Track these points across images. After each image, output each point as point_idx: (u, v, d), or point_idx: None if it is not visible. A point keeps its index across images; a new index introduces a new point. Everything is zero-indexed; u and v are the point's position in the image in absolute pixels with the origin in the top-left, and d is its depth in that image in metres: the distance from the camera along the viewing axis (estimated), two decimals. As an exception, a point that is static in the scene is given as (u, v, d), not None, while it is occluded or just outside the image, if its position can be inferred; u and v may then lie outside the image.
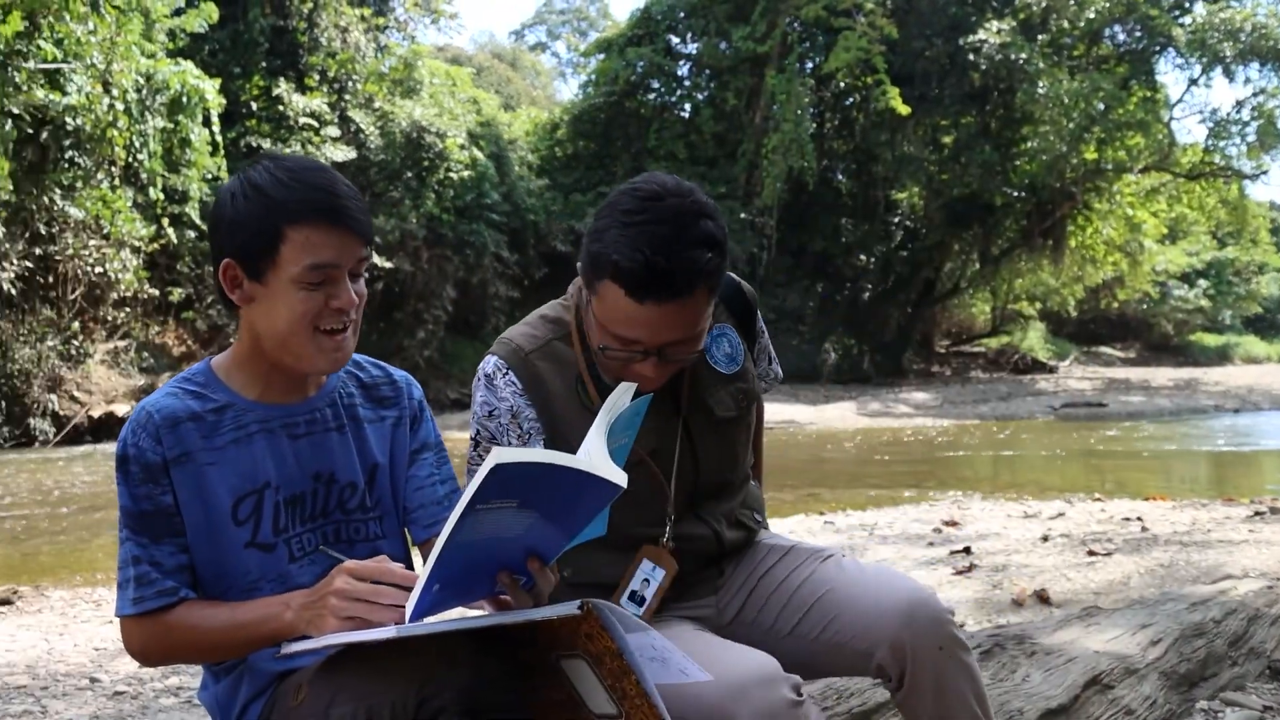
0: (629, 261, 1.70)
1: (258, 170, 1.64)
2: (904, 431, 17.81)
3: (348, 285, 1.65)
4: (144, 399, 1.69)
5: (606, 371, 1.90)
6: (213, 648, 1.63)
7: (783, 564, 2.03)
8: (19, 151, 15.17)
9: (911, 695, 1.84)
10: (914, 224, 29.86)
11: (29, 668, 4.53)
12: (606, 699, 1.51)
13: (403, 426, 1.86)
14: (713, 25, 26.54)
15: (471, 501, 1.32)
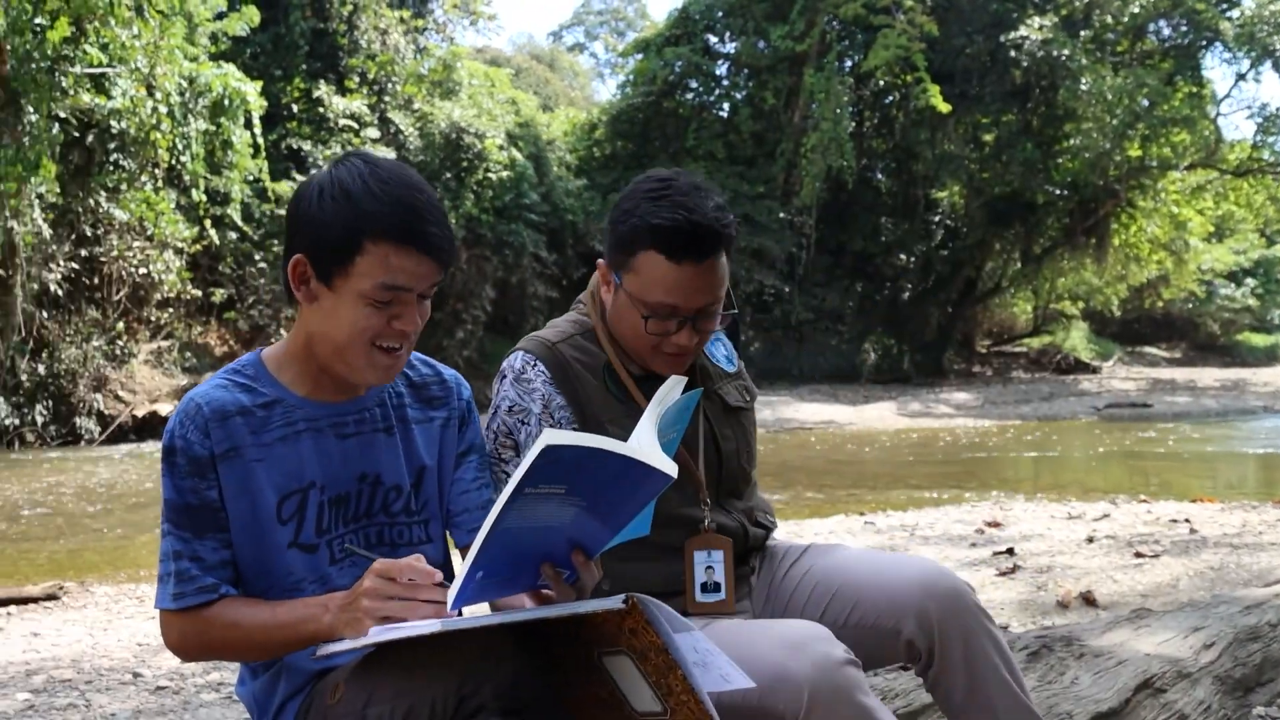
0: (669, 222, 1.86)
1: (349, 171, 1.60)
2: (945, 432, 17.65)
3: (415, 308, 1.62)
4: (192, 389, 1.67)
5: (638, 355, 1.98)
6: (251, 646, 1.62)
7: (799, 563, 2.07)
8: (66, 154, 15.39)
9: (943, 669, 1.86)
10: (954, 223, 29.57)
11: (74, 662, 4.58)
12: (651, 696, 1.48)
13: (451, 427, 1.84)
14: (751, 24, 26.42)
15: (520, 484, 1.29)
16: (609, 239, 1.97)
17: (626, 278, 1.93)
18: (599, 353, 2.01)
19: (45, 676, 4.30)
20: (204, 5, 17.34)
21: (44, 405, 15.72)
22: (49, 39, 13.81)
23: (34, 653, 4.84)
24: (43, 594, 6.35)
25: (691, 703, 1.45)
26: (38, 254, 15.31)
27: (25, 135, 13.97)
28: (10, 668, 4.55)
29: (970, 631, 1.86)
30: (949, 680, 1.86)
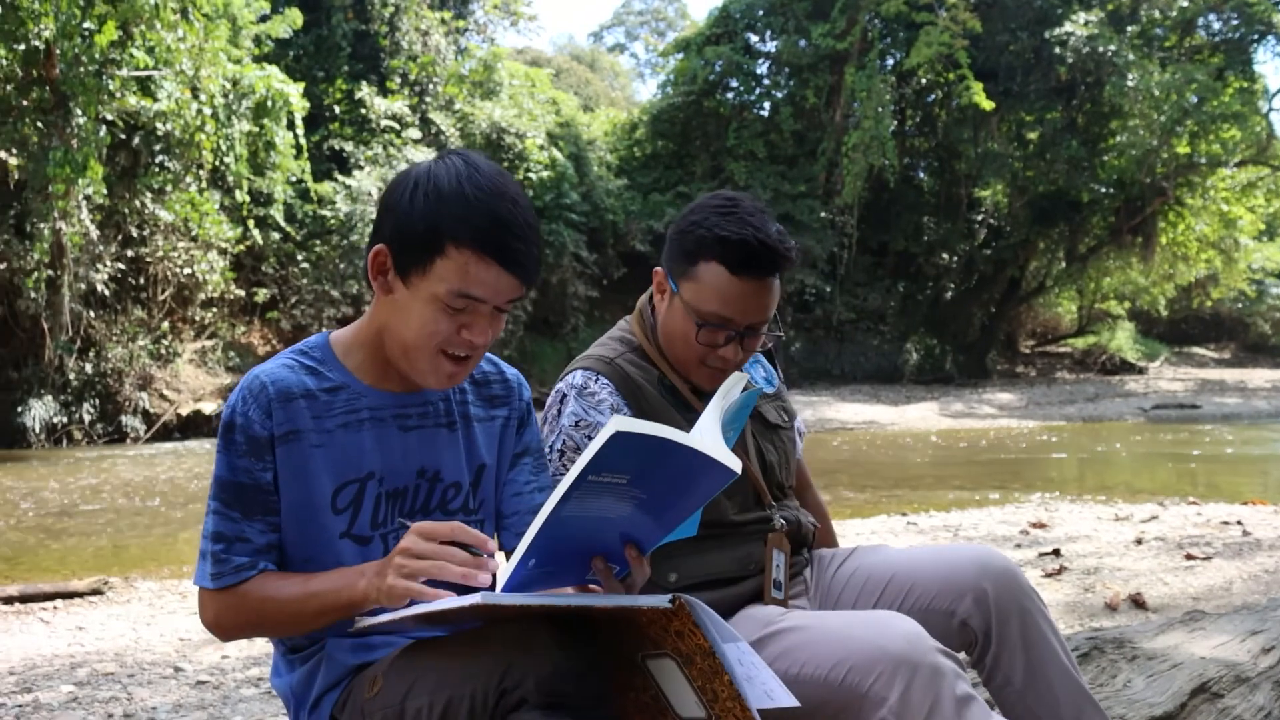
0: (737, 236, 1.92)
1: (448, 169, 1.56)
2: (988, 432, 17.45)
3: (487, 320, 1.58)
4: (257, 366, 1.63)
5: (682, 366, 2.04)
6: (287, 619, 1.57)
7: (847, 564, 2.11)
8: (112, 157, 15.61)
9: (1001, 649, 1.85)
10: (998, 222, 29.24)
11: (117, 656, 4.62)
12: (695, 702, 1.44)
13: (510, 427, 1.81)
14: (792, 23, 26.28)
15: (584, 471, 1.26)
16: (671, 247, 2.03)
17: (685, 286, 1.99)
18: (651, 368, 2.06)
19: (88, 669, 4.34)
20: (248, 8, 17.53)
21: (91, 404, 15.94)
22: (97, 43, 14.01)
23: (78, 646, 4.89)
24: (88, 589, 6.42)
25: (737, 709, 1.41)
26: (85, 254, 15.53)
27: (73, 138, 14.18)
28: (55, 660, 4.60)
29: (1027, 611, 1.86)
30: (1008, 662, 1.84)
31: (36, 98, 14.39)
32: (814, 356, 25.18)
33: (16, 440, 15.17)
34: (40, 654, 4.75)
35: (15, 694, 3.99)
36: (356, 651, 1.64)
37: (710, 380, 2.00)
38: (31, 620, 5.64)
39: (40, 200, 14.37)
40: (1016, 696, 1.84)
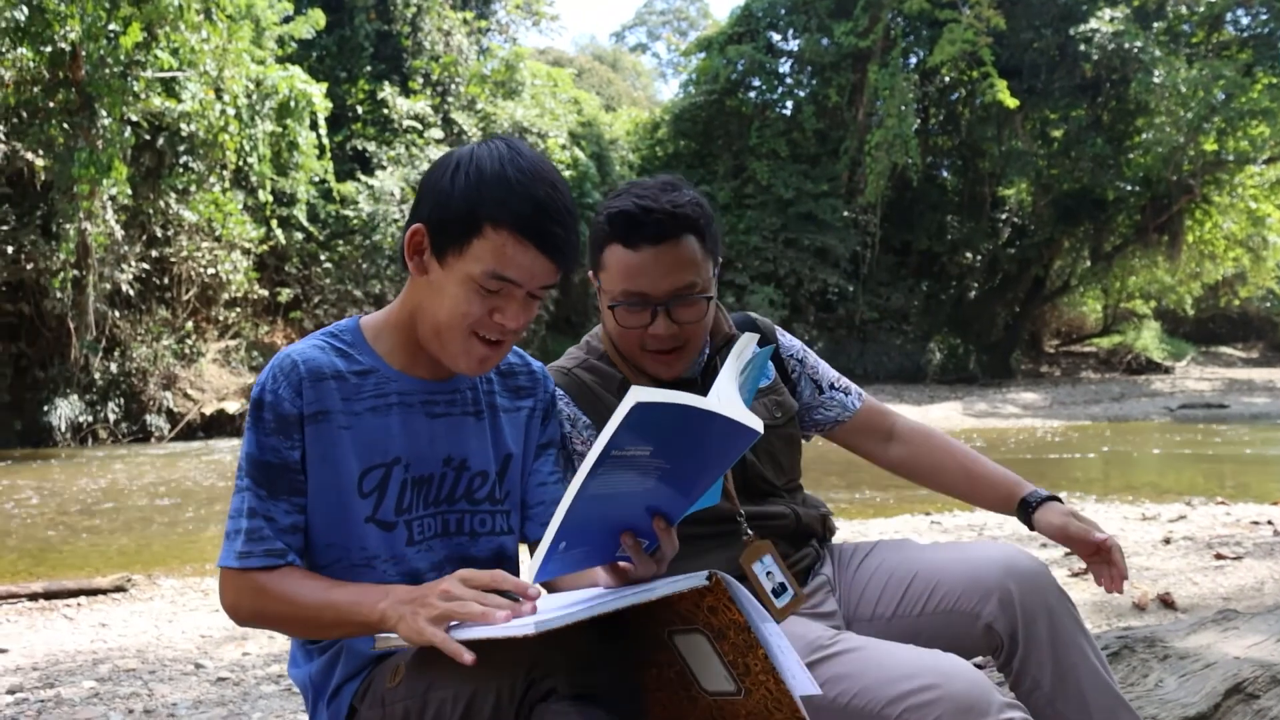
0: (618, 209, 1.89)
1: (490, 152, 1.56)
2: (1011, 432, 17.32)
3: (520, 304, 1.57)
4: (288, 345, 1.63)
5: (632, 359, 2.00)
6: (302, 622, 1.55)
7: (869, 559, 2.05)
8: (137, 157, 15.71)
9: (1029, 652, 1.78)
10: (1022, 220, 29.06)
11: (139, 652, 4.63)
12: (725, 676, 1.43)
13: (535, 419, 1.80)
14: (814, 21, 26.17)
15: (608, 446, 1.23)
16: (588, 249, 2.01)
17: (601, 278, 1.96)
18: (613, 372, 2.02)
19: (110, 665, 4.35)
20: (271, 9, 17.61)
21: (116, 403, 16.05)
22: (122, 44, 14.10)
23: (101, 642, 4.91)
24: (111, 586, 6.45)
25: (771, 682, 1.39)
26: (110, 254, 15.63)
27: (98, 138, 14.28)
28: (78, 656, 4.62)
29: (1054, 612, 1.79)
30: (1036, 665, 1.77)
31: (62, 99, 14.49)
32: (837, 356, 25.06)
33: (43, 439, 15.29)
34: (63, 650, 4.77)
35: (38, 689, 4.01)
36: (377, 650, 1.62)
37: (662, 367, 1.97)
38: (55, 617, 5.67)
39: (66, 201, 14.48)
40: (1046, 700, 1.78)
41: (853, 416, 2.19)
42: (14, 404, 15.63)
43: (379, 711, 1.51)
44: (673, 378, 1.99)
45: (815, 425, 2.22)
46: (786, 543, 2.00)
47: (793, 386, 2.18)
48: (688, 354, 1.98)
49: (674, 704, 1.53)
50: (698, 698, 1.49)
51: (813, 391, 2.19)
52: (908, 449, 2.17)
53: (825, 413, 2.19)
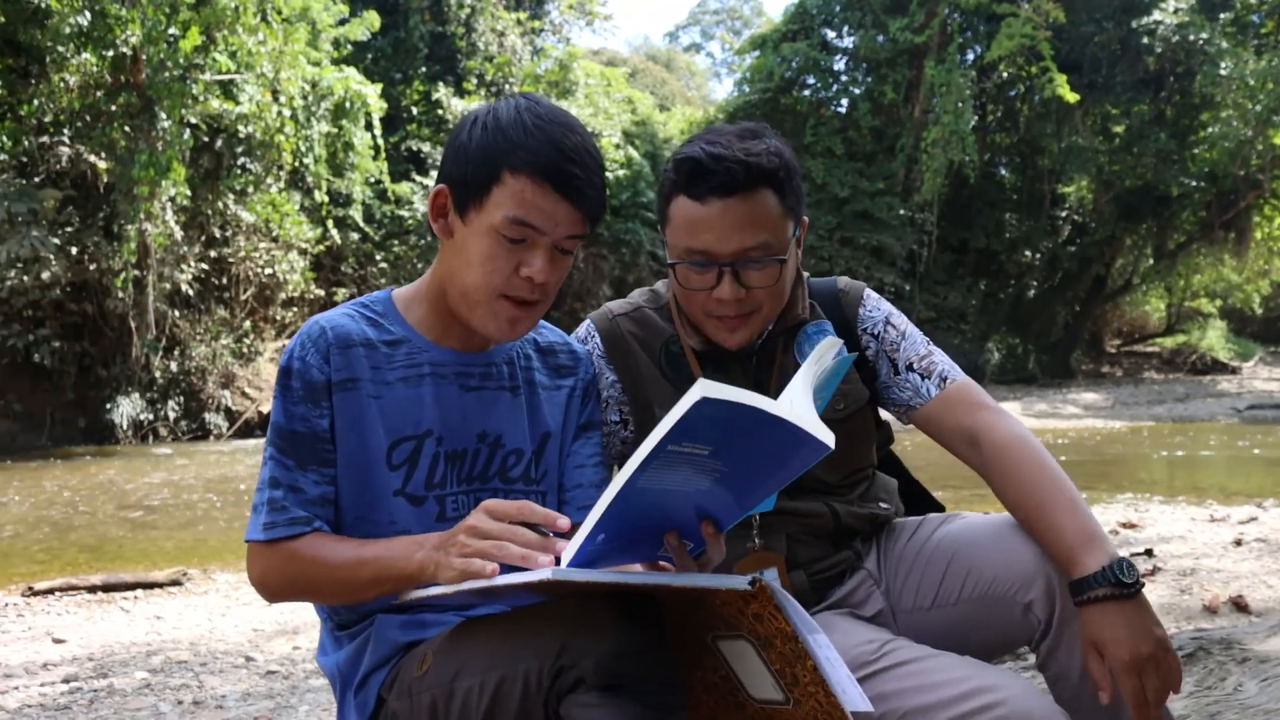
0: (685, 154, 1.71)
1: (508, 105, 1.53)
2: (1072, 432, 16.98)
3: (544, 257, 1.51)
4: (318, 314, 1.59)
5: (694, 321, 1.81)
6: (336, 585, 1.47)
7: (914, 538, 1.85)
8: (196, 159, 15.93)
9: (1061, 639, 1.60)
10: (1083, 218, 28.54)
11: (192, 644, 4.66)
12: (772, 684, 1.35)
13: (576, 398, 1.74)
14: (869, 17, 25.91)
15: (665, 439, 1.13)
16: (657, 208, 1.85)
17: (667, 233, 1.79)
18: (664, 327, 1.87)
19: (163, 657, 4.37)
20: (326, 12, 17.78)
21: (176, 401, 16.29)
22: (181, 48, 14.32)
23: (155, 635, 4.95)
24: (167, 579, 6.52)
25: (820, 694, 1.31)
26: (170, 255, 15.86)
27: (158, 141, 14.50)
28: (133, 648, 4.65)
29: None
30: (1067, 653, 1.60)
31: (124, 103, 14.73)
32: (892, 356, 24.77)
33: (106, 437, 15.55)
34: (119, 641, 4.81)
35: (92, 679, 4.04)
36: (407, 629, 1.55)
37: (725, 333, 1.78)
38: (113, 609, 5.73)
39: (127, 202, 14.72)
40: (1072, 694, 1.61)
41: (924, 405, 1.87)
42: (78, 402, 15.91)
43: (407, 702, 1.44)
44: (736, 346, 1.80)
45: (890, 406, 1.96)
46: (821, 544, 1.85)
47: (870, 368, 1.94)
48: (756, 322, 1.79)
49: (721, 709, 1.46)
50: (745, 704, 1.42)
51: (888, 371, 1.92)
52: (984, 462, 1.77)
53: (897, 394, 1.91)
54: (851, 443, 1.87)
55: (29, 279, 14.43)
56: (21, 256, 14.22)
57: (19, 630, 5.20)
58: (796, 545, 1.82)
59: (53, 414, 15.78)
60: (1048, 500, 1.64)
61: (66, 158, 15.10)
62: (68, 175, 15.21)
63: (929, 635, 1.73)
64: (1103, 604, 1.51)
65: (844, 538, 1.86)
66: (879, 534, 1.92)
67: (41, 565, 7.24)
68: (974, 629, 1.71)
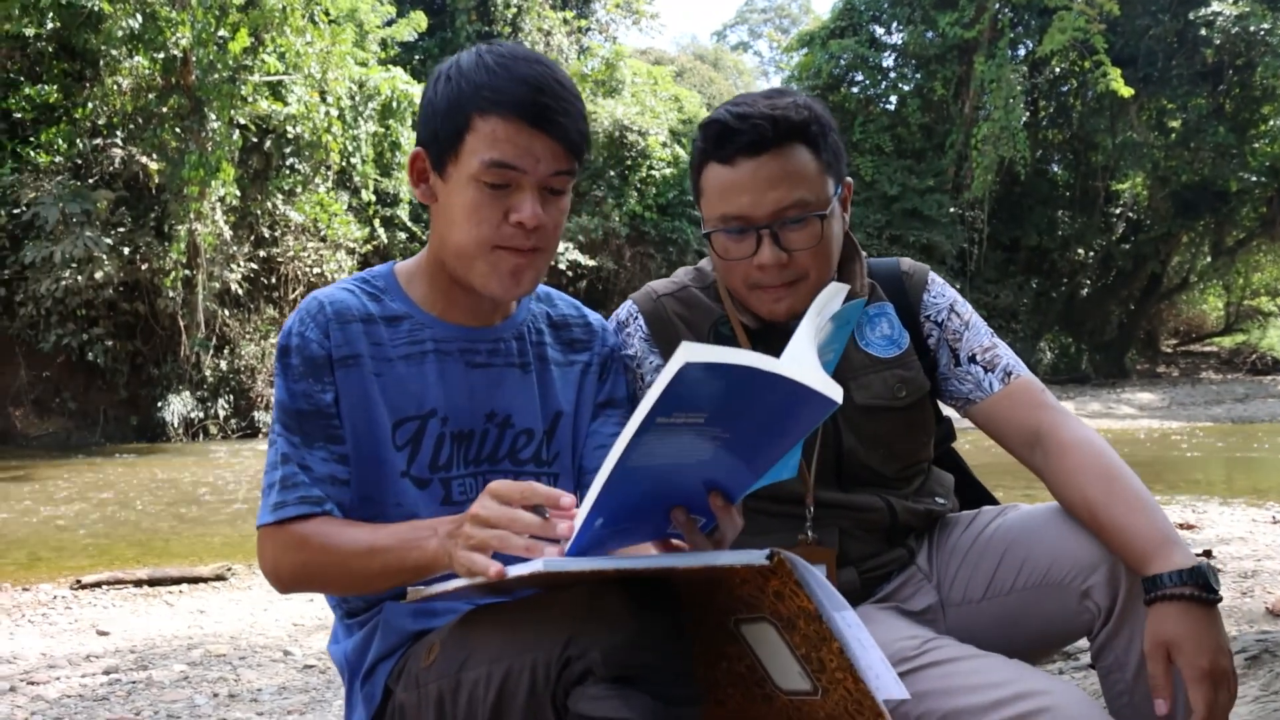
0: (711, 120, 1.65)
1: (470, 54, 1.45)
2: (1127, 433, 16.66)
3: (532, 198, 1.42)
4: (317, 290, 1.52)
5: (740, 297, 1.72)
6: (349, 574, 1.39)
7: (968, 531, 1.75)
8: (245, 159, 16.09)
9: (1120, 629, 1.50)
10: (1137, 215, 28.03)
11: (232, 639, 4.66)
12: (799, 672, 1.24)
13: (591, 374, 1.64)
14: (918, 13, 25.63)
15: (651, 412, 1.04)
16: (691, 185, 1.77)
17: (701, 206, 1.71)
18: (712, 307, 1.78)
19: (203, 650, 4.38)
20: (374, 13, 17.90)
21: (225, 399, 16.47)
22: (230, 50, 14.48)
23: (197, 628, 4.97)
24: (212, 574, 6.56)
25: (849, 681, 1.20)
26: (219, 254, 16.04)
27: (208, 141, 14.66)
28: (174, 641, 4.67)
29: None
30: (1124, 645, 1.49)
31: (174, 104, 14.92)
32: (942, 355, 24.49)
33: (157, 434, 15.76)
34: (161, 634, 4.84)
35: (132, 670, 4.05)
36: (417, 617, 1.49)
37: (772, 302, 1.68)
38: (157, 603, 5.77)
39: (177, 202, 14.91)
40: (1125, 687, 1.51)
41: (985, 400, 1.76)
42: (130, 400, 16.14)
43: (414, 694, 1.38)
44: (785, 316, 1.68)
45: (949, 399, 1.84)
46: (875, 540, 1.75)
47: (930, 357, 1.83)
48: (803, 290, 1.67)
49: (748, 702, 1.35)
50: (773, 696, 1.32)
51: (949, 361, 1.81)
52: (1046, 463, 1.66)
53: (958, 385, 1.80)
54: (910, 433, 1.78)
55: (83, 279, 14.65)
56: (76, 256, 14.45)
57: (65, 622, 5.25)
58: (849, 540, 1.72)
59: (106, 412, 16.03)
60: (1117, 499, 1.54)
61: (119, 159, 15.32)
62: (120, 176, 15.43)
63: (979, 628, 1.65)
64: (1183, 603, 1.40)
65: (898, 534, 1.77)
66: (932, 529, 1.83)
67: (91, 559, 7.32)
68: (1026, 619, 1.62)
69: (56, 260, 14.41)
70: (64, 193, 14.54)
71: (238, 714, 3.28)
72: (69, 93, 15.38)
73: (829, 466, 1.73)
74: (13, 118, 15.55)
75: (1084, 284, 28.42)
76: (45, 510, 9.36)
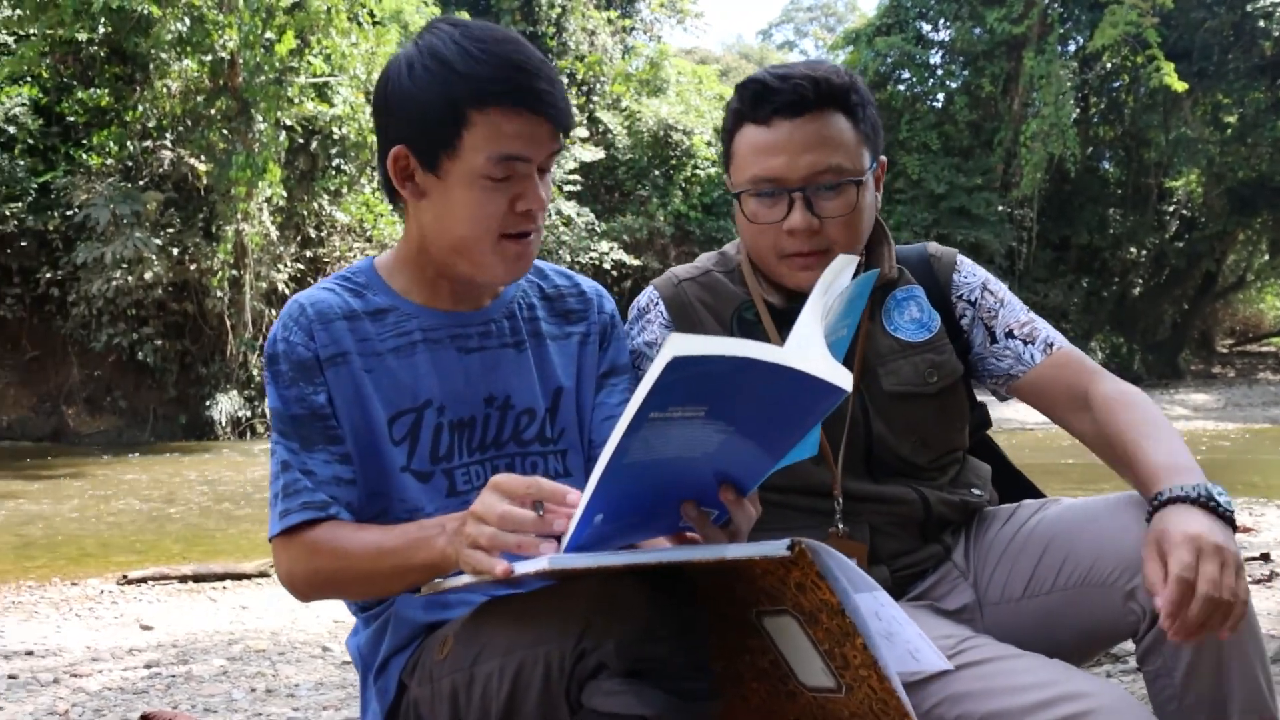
0: (750, 80, 1.62)
1: (439, 38, 1.38)
2: (1181, 434, 16.34)
3: (536, 183, 1.39)
4: (298, 293, 1.49)
5: (766, 267, 1.67)
6: (360, 578, 1.36)
7: (1005, 529, 1.67)
8: (291, 160, 16.25)
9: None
10: (1192, 212, 27.53)
11: (272, 634, 4.68)
12: (822, 668, 1.18)
13: (590, 344, 1.59)
14: (965, 9, 25.34)
15: (642, 408, 0.98)
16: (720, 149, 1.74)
17: (732, 170, 1.66)
18: (735, 291, 1.72)
19: (243, 646, 4.39)
20: (418, 14, 18.00)
21: (273, 399, 16.64)
22: (276, 52, 14.63)
23: (239, 624, 4.99)
24: (255, 571, 6.60)
25: (873, 679, 1.15)
26: (266, 255, 16.21)
27: (254, 143, 14.83)
28: (216, 636, 4.70)
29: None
30: (1172, 649, 1.40)
31: (221, 106, 15.11)
32: (990, 355, 24.20)
33: (205, 432, 15.95)
34: (203, 629, 4.87)
35: (173, 665, 4.07)
36: (429, 609, 1.45)
37: (801, 272, 1.62)
38: (201, 598, 5.82)
39: (224, 203, 15.10)
40: (1172, 694, 1.42)
41: (1028, 372, 1.69)
42: (179, 399, 16.36)
43: (428, 688, 1.34)
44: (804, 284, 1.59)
45: (988, 378, 1.76)
46: (907, 535, 1.67)
47: (964, 339, 1.75)
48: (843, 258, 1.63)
49: (773, 698, 1.30)
50: (797, 693, 1.26)
51: (984, 339, 1.74)
52: (1095, 421, 1.60)
53: (996, 363, 1.73)
54: (943, 420, 1.71)
55: (133, 279, 14.88)
56: (126, 257, 14.67)
57: (111, 616, 5.31)
58: (880, 537, 1.65)
59: (155, 410, 16.27)
60: (1147, 434, 1.50)
61: (168, 161, 15.54)
62: (169, 178, 15.65)
63: (1018, 628, 1.57)
64: (1183, 505, 1.33)
65: (934, 529, 1.69)
66: (969, 523, 1.74)
67: (138, 555, 7.40)
68: (1067, 620, 1.54)
69: (107, 261, 14.64)
70: (115, 194, 14.78)
71: (274, 709, 3.27)
72: (120, 96, 15.63)
73: (858, 456, 1.66)
74: (66, 121, 15.84)
75: (1136, 283, 27.97)
76: (95, 507, 9.50)
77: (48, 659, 4.24)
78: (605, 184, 22.27)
